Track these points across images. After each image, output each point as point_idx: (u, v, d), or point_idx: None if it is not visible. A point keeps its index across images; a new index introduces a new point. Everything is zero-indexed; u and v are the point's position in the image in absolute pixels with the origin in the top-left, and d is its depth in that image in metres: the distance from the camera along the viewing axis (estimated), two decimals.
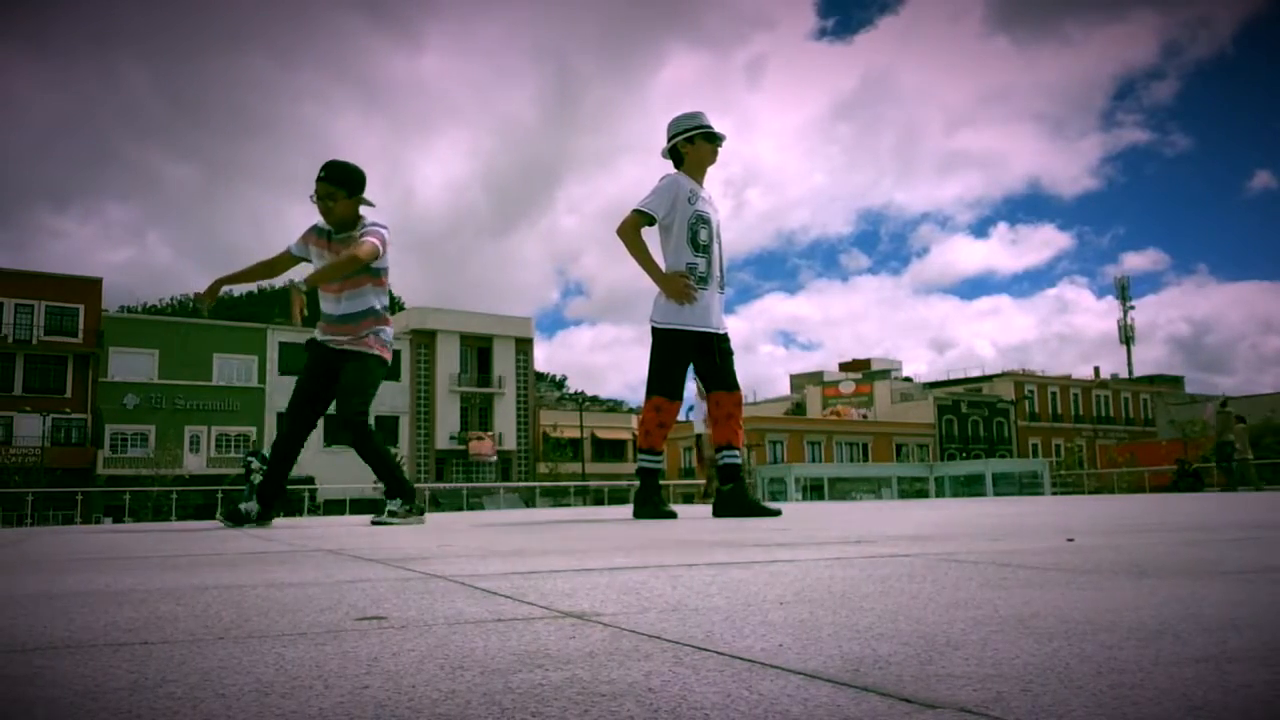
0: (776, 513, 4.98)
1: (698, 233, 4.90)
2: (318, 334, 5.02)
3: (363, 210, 4.95)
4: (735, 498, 4.93)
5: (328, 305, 4.98)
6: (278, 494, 4.93)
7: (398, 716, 0.76)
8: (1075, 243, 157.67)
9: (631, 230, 4.85)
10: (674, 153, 5.06)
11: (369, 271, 4.90)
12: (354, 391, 4.84)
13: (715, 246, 4.99)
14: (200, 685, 0.88)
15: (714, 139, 5.05)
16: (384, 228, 4.95)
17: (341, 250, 4.87)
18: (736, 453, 4.97)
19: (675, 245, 4.90)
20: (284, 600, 1.50)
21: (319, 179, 4.82)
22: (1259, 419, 46.29)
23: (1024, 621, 1.15)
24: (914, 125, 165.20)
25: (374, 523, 4.80)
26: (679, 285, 4.81)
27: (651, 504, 4.95)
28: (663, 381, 4.92)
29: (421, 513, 5.04)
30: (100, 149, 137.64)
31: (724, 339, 5.00)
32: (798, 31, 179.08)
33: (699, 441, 12.72)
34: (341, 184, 4.84)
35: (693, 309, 4.87)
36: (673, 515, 4.96)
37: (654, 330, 4.94)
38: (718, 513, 4.97)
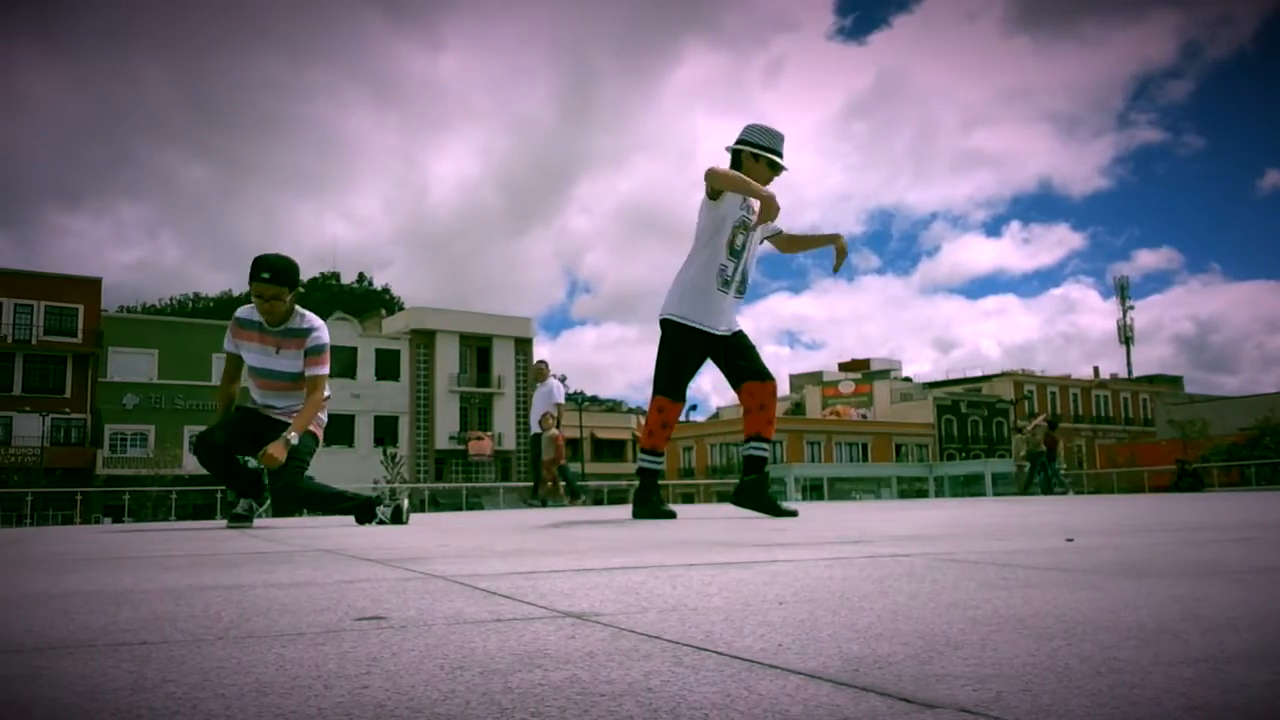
0: (793, 513, 4.90)
1: (736, 237, 4.82)
2: (251, 403, 5.03)
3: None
4: (755, 489, 4.89)
5: (274, 399, 4.94)
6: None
7: (397, 716, 0.76)
8: (1087, 242, 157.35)
9: (721, 169, 4.68)
10: (735, 156, 4.92)
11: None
12: (288, 467, 4.73)
13: (748, 252, 4.90)
14: (200, 685, 0.88)
15: (775, 169, 4.88)
16: (323, 329, 4.93)
17: (278, 344, 4.85)
18: (765, 446, 4.89)
19: (710, 245, 4.79)
20: (283, 600, 1.50)
21: (262, 279, 4.67)
22: (1259, 418, 46.28)
23: (1023, 621, 1.15)
24: (928, 124, 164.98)
25: (391, 522, 4.79)
26: (773, 207, 4.53)
27: (651, 504, 4.94)
28: (668, 381, 4.86)
29: (395, 508, 4.97)
30: (112, 148, 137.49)
31: (736, 335, 4.91)
32: (814, 31, 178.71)
33: (536, 442, 12.73)
34: (286, 283, 4.74)
35: (708, 309, 4.78)
36: (672, 515, 4.96)
37: (664, 323, 4.85)
38: (736, 501, 4.97)
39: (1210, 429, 49.94)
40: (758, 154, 4.86)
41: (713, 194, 4.77)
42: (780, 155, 4.89)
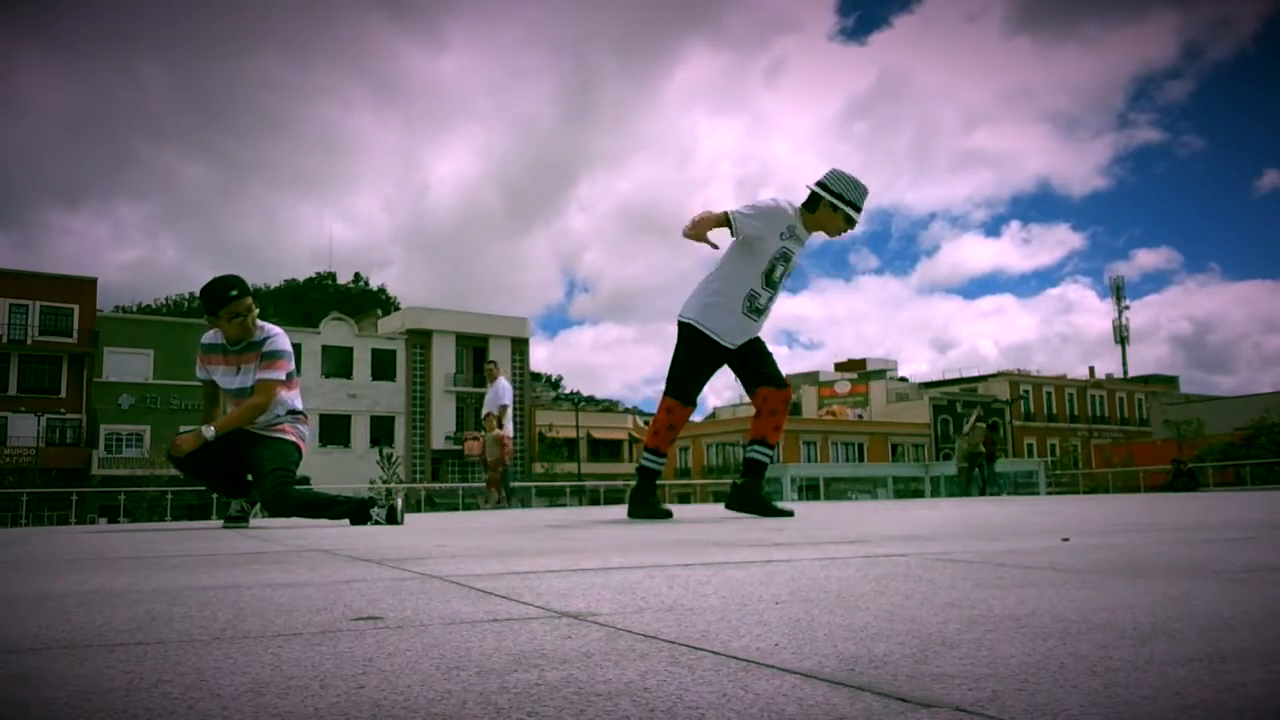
0: (788, 513, 4.89)
1: (775, 268, 4.76)
2: None
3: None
4: (748, 492, 4.88)
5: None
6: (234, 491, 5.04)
7: (393, 717, 0.76)
8: (1087, 242, 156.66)
9: (701, 228, 4.49)
10: (814, 198, 4.80)
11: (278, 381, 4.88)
12: (270, 472, 4.72)
13: (781, 284, 4.84)
14: (196, 685, 0.88)
15: (850, 224, 4.81)
16: (282, 336, 4.89)
17: (238, 363, 4.84)
18: (767, 451, 4.87)
19: (746, 269, 4.72)
20: (280, 600, 1.50)
21: (233, 299, 4.70)
22: (1254, 418, 46.38)
23: (1019, 621, 1.15)
24: (928, 124, 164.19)
25: (388, 522, 4.77)
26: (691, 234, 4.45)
27: (648, 504, 4.93)
28: (680, 384, 4.83)
29: (390, 508, 4.96)
30: (112, 148, 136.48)
31: (752, 341, 4.85)
32: (816, 32, 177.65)
33: (485, 444, 12.82)
34: (250, 292, 4.78)
35: (729, 328, 4.74)
36: (668, 515, 4.95)
37: (683, 325, 4.81)
38: (729, 505, 4.97)
39: (1205, 429, 50.03)
40: (837, 206, 4.75)
41: (731, 232, 4.66)
42: (859, 211, 4.80)
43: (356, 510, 4.79)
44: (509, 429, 12.71)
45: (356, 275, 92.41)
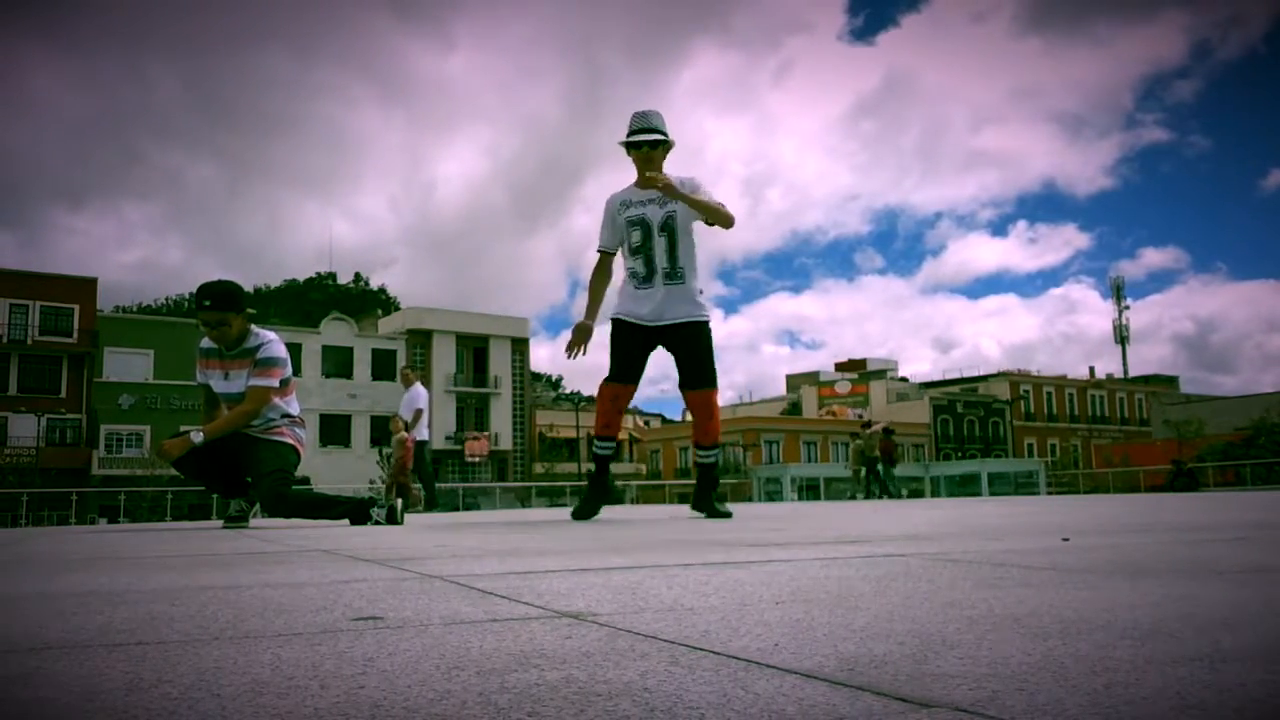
0: (728, 515, 5.03)
1: (631, 237, 4.95)
2: None
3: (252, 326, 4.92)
4: (698, 495, 5.13)
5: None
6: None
7: (393, 717, 0.76)
8: (1093, 242, 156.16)
9: (592, 273, 5.10)
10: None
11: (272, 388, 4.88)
12: (269, 473, 4.73)
13: (653, 243, 4.92)
14: (196, 685, 0.88)
15: (635, 149, 4.95)
16: (276, 342, 4.90)
17: (227, 369, 4.86)
18: (706, 453, 5.06)
19: (624, 257, 5.03)
20: (280, 600, 1.50)
21: (204, 307, 4.73)
22: (1254, 418, 46.35)
23: (1019, 621, 1.15)
24: (935, 124, 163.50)
25: (389, 522, 4.78)
26: (573, 337, 5.02)
27: (588, 502, 5.01)
28: (614, 367, 4.97)
29: (390, 508, 4.97)
30: (117, 147, 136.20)
31: (686, 330, 4.92)
32: (825, 32, 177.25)
33: (418, 448, 12.85)
34: (229, 307, 4.77)
35: (633, 304, 4.93)
36: (591, 517, 5.00)
37: (611, 321, 5.06)
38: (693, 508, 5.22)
39: (1206, 429, 50.00)
40: (627, 146, 4.98)
41: (610, 255, 5.11)
42: (637, 133, 4.95)
43: (356, 510, 4.79)
44: (423, 433, 12.75)
45: (357, 275, 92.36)
